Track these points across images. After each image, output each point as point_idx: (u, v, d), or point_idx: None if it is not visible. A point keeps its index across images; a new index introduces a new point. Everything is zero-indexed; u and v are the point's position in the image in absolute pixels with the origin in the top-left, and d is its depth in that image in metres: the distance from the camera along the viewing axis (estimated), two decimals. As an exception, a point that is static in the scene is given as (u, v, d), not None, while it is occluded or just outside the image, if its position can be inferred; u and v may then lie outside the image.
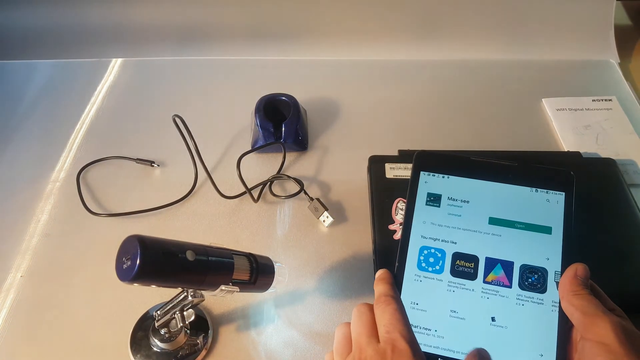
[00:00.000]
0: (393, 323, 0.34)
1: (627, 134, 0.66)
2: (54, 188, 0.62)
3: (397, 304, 0.35)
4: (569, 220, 0.40)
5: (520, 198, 0.41)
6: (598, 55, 0.79)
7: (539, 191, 0.41)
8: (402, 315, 0.34)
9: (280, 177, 0.61)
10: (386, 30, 0.80)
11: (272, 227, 0.57)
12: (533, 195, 0.41)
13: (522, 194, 0.41)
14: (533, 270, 0.39)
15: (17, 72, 0.79)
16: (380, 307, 0.35)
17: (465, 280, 0.39)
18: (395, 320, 0.34)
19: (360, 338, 0.34)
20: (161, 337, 0.45)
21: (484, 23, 0.80)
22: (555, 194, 0.41)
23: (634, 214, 0.54)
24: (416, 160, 0.43)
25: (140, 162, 0.64)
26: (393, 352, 0.32)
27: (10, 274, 0.54)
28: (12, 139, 0.68)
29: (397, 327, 0.33)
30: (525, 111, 0.71)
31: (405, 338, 0.33)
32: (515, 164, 0.42)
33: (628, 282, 0.49)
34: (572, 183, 0.41)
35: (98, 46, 0.81)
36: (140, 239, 0.33)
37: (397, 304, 0.35)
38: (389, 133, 0.68)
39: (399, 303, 0.36)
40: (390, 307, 0.35)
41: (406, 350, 0.32)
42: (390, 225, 0.53)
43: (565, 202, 0.41)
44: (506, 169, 0.42)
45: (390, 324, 0.34)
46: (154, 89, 0.75)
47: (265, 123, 0.63)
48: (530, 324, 0.37)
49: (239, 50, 0.80)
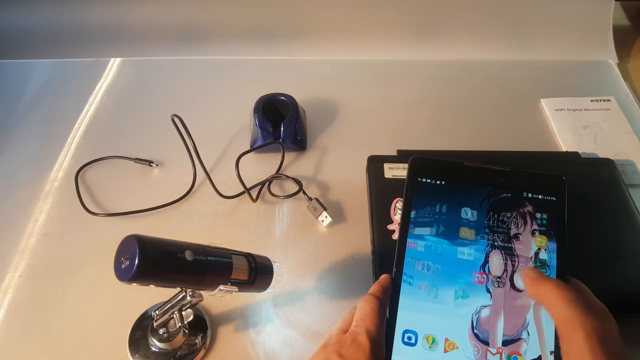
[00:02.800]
0: (364, 319, 0.35)
1: (625, 134, 0.66)
2: (53, 187, 0.62)
3: (378, 304, 0.36)
4: (562, 224, 0.40)
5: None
6: (597, 55, 0.79)
7: (532, 196, 0.42)
8: (376, 314, 0.36)
9: (279, 177, 0.61)
10: (384, 30, 0.80)
11: (270, 227, 0.57)
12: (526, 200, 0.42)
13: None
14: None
15: (15, 72, 0.79)
16: (361, 303, 0.37)
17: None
18: (367, 317, 0.35)
19: (336, 326, 0.38)
20: (160, 336, 0.45)
21: (483, 23, 0.80)
22: (547, 199, 0.41)
23: (632, 214, 0.54)
24: (411, 166, 0.44)
25: (138, 162, 0.64)
26: (352, 343, 0.34)
27: (9, 274, 0.54)
28: (11, 138, 0.68)
29: (365, 323, 0.35)
30: (523, 111, 0.71)
31: (369, 334, 0.34)
32: (508, 169, 0.43)
33: (626, 282, 0.49)
34: (564, 187, 0.42)
35: (97, 46, 0.81)
36: (139, 238, 0.33)
37: (377, 303, 0.36)
38: (387, 133, 0.68)
39: (380, 304, 0.37)
40: (368, 305, 0.36)
41: (365, 345, 0.33)
42: (388, 225, 0.53)
43: (557, 207, 0.41)
44: (499, 174, 0.43)
45: (360, 319, 0.35)
46: (153, 89, 0.75)
47: (264, 123, 0.63)
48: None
49: (237, 50, 0.80)
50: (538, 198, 0.42)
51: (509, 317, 0.38)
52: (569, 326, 0.32)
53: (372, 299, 0.37)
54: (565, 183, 0.42)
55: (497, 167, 0.43)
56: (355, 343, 0.34)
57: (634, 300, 0.48)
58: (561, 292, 0.34)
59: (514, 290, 0.38)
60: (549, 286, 0.35)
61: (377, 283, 0.39)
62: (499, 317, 0.38)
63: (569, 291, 0.34)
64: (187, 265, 0.36)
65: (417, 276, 0.39)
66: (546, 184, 0.42)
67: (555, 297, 0.34)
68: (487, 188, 0.42)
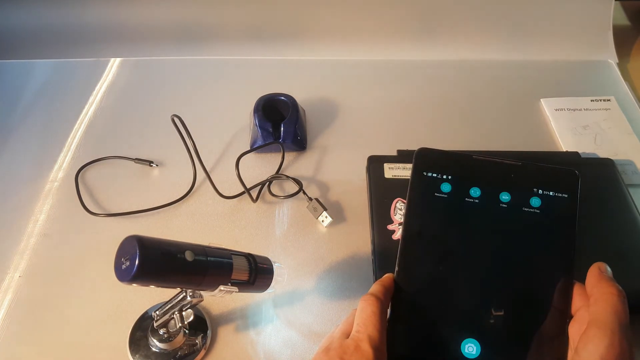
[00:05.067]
0: (366, 324, 0.34)
1: (625, 134, 0.66)
2: (53, 188, 0.62)
3: (379, 307, 0.35)
4: (573, 223, 0.40)
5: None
6: (596, 55, 0.79)
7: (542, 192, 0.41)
8: (378, 318, 0.35)
9: (279, 177, 0.61)
10: (385, 30, 0.80)
11: (271, 227, 0.57)
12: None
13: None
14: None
15: (15, 72, 0.79)
16: (362, 304, 0.36)
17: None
18: (369, 322, 0.34)
19: (337, 329, 0.36)
20: (160, 337, 0.45)
21: (483, 23, 0.80)
22: (558, 196, 0.41)
23: (632, 214, 0.54)
24: (417, 159, 0.43)
25: (139, 162, 0.64)
26: (355, 350, 0.33)
27: (9, 274, 0.54)
28: (11, 138, 0.68)
29: (367, 329, 0.34)
30: (523, 111, 0.71)
31: (372, 341, 0.33)
32: (519, 163, 0.42)
33: (626, 282, 0.49)
34: (577, 183, 0.41)
35: (96, 46, 0.81)
36: (139, 239, 0.33)
37: (378, 306, 0.35)
38: (387, 133, 0.68)
39: (381, 306, 0.36)
40: (370, 308, 0.35)
41: (368, 353, 0.33)
42: (389, 225, 0.53)
43: (569, 203, 0.40)
44: (509, 169, 0.42)
45: (363, 324, 0.34)
46: (153, 89, 0.75)
47: (264, 123, 0.63)
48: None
49: (237, 50, 0.80)
50: (549, 195, 0.41)
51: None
52: (597, 327, 0.32)
53: (373, 300, 0.36)
54: (578, 178, 0.41)
55: (508, 161, 0.42)
56: (358, 351, 0.33)
57: (634, 300, 0.48)
58: (613, 297, 0.33)
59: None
60: (611, 288, 0.34)
61: (379, 283, 0.38)
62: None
63: (620, 299, 0.33)
64: (187, 266, 0.36)
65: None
66: (558, 179, 0.41)
67: (605, 299, 0.33)
68: (496, 183, 0.41)
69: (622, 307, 0.32)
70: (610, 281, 0.35)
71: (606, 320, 0.31)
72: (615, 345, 0.30)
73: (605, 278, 0.35)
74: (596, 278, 0.35)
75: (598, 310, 0.33)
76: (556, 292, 0.38)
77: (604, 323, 0.31)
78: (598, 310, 0.33)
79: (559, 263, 0.39)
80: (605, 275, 0.35)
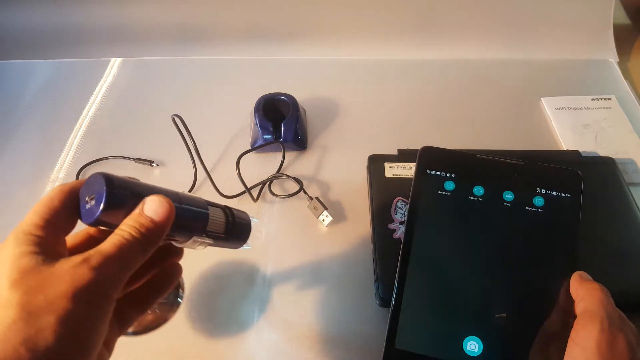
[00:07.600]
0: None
1: (626, 133, 0.66)
2: (53, 188, 0.62)
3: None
4: (576, 223, 0.40)
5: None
6: (597, 54, 0.79)
7: (545, 192, 0.41)
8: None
9: (280, 177, 0.61)
10: (385, 30, 0.80)
11: (271, 227, 0.57)
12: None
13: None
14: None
15: (15, 72, 0.79)
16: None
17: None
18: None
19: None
20: None
21: (483, 22, 0.80)
22: (561, 195, 0.41)
23: (633, 213, 0.54)
24: (420, 157, 0.43)
25: (139, 162, 0.64)
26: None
27: (10, 274, 0.54)
28: (11, 138, 0.68)
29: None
30: (524, 110, 0.71)
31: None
32: (523, 162, 0.42)
33: (627, 282, 0.49)
34: (580, 184, 0.41)
35: (97, 46, 0.81)
36: (106, 176, 0.30)
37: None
38: (388, 132, 0.68)
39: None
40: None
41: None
42: (389, 224, 0.53)
43: (572, 203, 0.40)
44: (512, 168, 0.42)
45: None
46: (153, 89, 0.75)
47: (264, 122, 0.63)
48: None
49: (238, 49, 0.80)
50: (552, 195, 0.41)
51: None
52: (587, 316, 0.34)
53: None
54: (581, 179, 0.41)
55: (512, 160, 0.42)
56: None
57: (633, 300, 0.48)
58: (597, 292, 0.36)
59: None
60: (593, 284, 0.36)
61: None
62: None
63: (603, 293, 0.35)
64: None
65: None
66: (562, 179, 0.41)
67: (590, 294, 0.36)
68: (499, 182, 0.41)
69: (607, 299, 0.35)
70: (592, 281, 0.37)
71: (594, 310, 0.34)
72: (606, 329, 0.32)
73: (586, 280, 0.38)
74: (579, 282, 0.38)
75: (585, 304, 0.35)
76: (558, 291, 0.38)
77: (593, 312, 0.34)
78: (586, 305, 0.35)
79: (561, 262, 0.39)
80: (586, 278, 0.38)
